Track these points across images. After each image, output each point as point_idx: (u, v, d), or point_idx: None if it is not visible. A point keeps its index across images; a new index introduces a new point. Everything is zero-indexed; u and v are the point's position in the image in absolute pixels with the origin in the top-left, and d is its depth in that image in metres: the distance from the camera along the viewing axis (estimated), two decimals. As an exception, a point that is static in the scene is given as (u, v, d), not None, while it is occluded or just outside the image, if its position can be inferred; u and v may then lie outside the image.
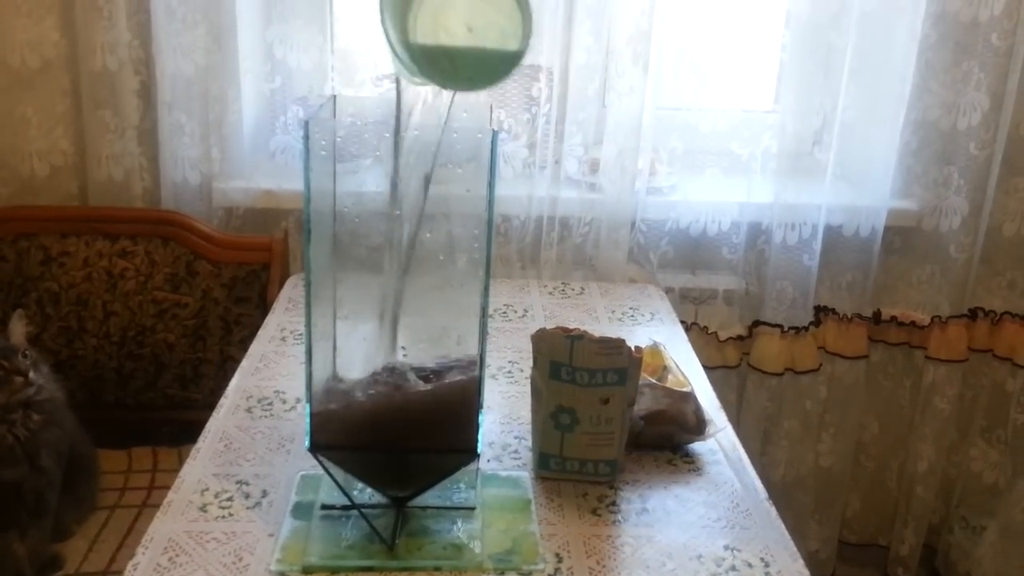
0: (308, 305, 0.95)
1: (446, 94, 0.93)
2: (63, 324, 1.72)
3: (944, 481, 2.03)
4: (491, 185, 0.90)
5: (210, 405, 1.29)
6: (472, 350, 0.99)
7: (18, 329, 1.40)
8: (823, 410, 1.95)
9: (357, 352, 1.06)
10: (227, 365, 1.70)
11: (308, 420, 0.97)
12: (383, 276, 1.08)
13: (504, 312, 1.64)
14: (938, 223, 1.85)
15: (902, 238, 1.90)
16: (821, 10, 1.71)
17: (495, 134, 0.88)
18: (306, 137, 0.88)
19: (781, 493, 1.95)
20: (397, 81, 0.96)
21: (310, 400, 0.97)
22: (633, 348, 1.11)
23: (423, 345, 1.07)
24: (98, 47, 1.67)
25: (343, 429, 0.98)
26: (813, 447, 1.97)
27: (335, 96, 1.07)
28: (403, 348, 1.07)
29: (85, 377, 1.74)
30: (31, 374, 1.36)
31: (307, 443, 0.98)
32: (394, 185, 0.98)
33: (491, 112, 1.02)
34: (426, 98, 0.96)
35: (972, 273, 1.88)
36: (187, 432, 1.26)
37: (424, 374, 1.01)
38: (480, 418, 0.98)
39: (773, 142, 1.78)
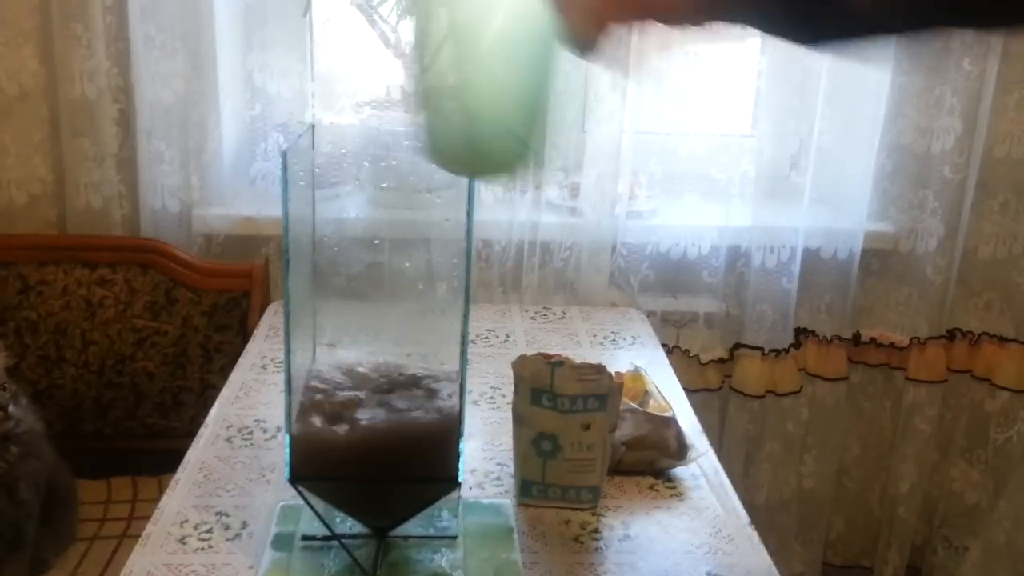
0: (287, 334, 0.95)
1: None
2: (41, 353, 1.71)
3: (926, 501, 2.04)
4: (469, 213, 0.90)
5: (190, 434, 1.28)
6: (453, 374, 0.99)
7: (-2, 360, 1.38)
8: (805, 432, 1.96)
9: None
10: (207, 393, 1.69)
11: (287, 450, 0.96)
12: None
13: (486, 337, 1.64)
14: (914, 245, 1.87)
15: (879, 260, 1.92)
16: (796, 36, 1.73)
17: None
18: (284, 168, 0.88)
19: (764, 516, 1.95)
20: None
21: (289, 430, 0.97)
22: (614, 374, 1.11)
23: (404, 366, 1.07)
24: (77, 75, 1.67)
25: (323, 459, 0.97)
26: (796, 469, 1.97)
27: (314, 125, 1.07)
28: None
29: (64, 407, 1.72)
30: (10, 408, 1.35)
31: (287, 474, 0.97)
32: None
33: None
34: None
35: (949, 294, 1.90)
36: (167, 461, 1.24)
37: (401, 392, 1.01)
38: (461, 446, 0.97)
39: (751, 166, 1.80)
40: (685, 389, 1.47)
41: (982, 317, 1.93)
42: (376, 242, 1.07)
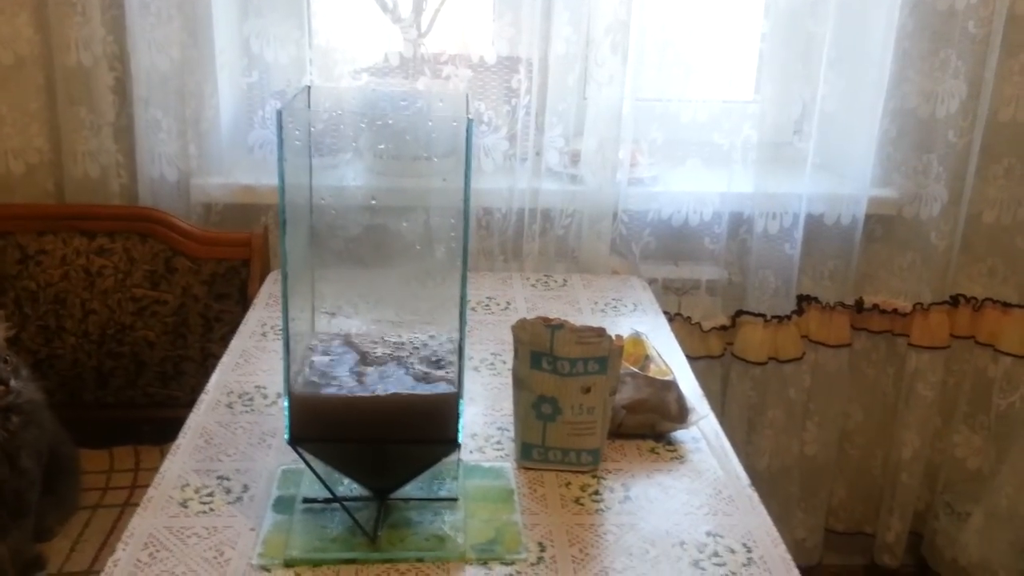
0: (284, 298, 0.94)
1: None
2: (41, 323, 1.70)
3: (928, 468, 2.04)
4: (467, 174, 0.89)
5: (191, 402, 1.28)
6: (453, 338, 0.99)
7: (-1, 333, 1.38)
8: (807, 399, 1.95)
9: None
10: (208, 362, 1.69)
11: (287, 413, 0.96)
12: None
13: (487, 305, 1.63)
14: (918, 211, 1.85)
15: (883, 226, 1.90)
16: (800, -1, 1.72)
17: (470, 122, 0.87)
18: (280, 127, 0.87)
19: (767, 482, 1.96)
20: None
21: (288, 393, 0.96)
22: (614, 337, 1.11)
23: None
24: (72, 43, 1.65)
25: (322, 421, 0.97)
26: (798, 436, 1.97)
27: (309, 87, 1.06)
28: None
29: (65, 376, 1.72)
30: (11, 382, 1.34)
31: (286, 436, 0.97)
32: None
33: (467, 102, 1.01)
34: None
35: (953, 260, 1.89)
36: (169, 430, 1.24)
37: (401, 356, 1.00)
38: (460, 408, 0.97)
39: (753, 132, 1.78)
40: (687, 356, 1.47)
41: (985, 283, 1.92)
42: (373, 202, 1.06)
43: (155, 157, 1.73)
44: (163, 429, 1.52)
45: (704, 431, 1.23)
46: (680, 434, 1.21)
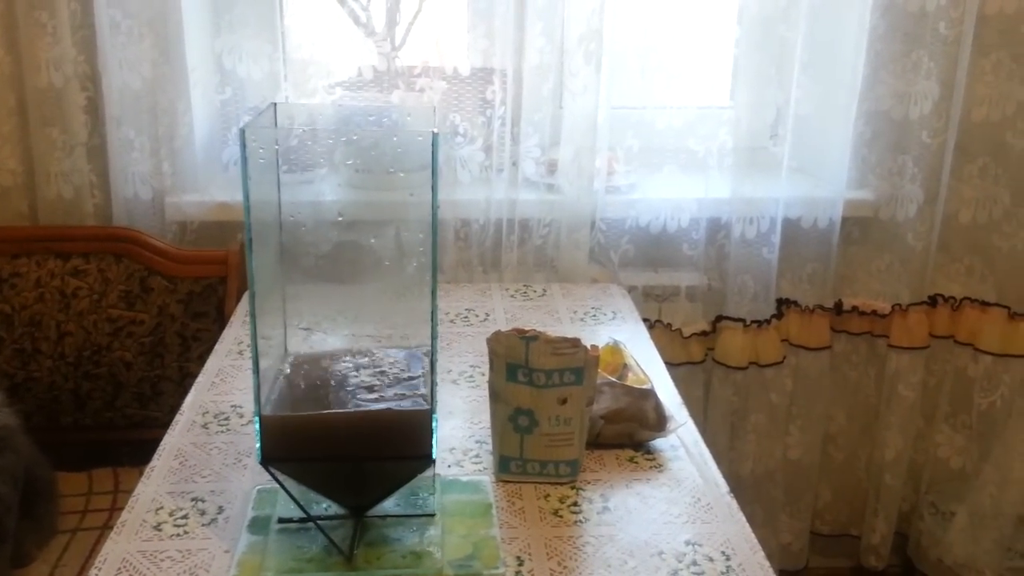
0: (252, 316, 0.94)
1: None
2: (17, 346, 1.69)
3: (912, 468, 2.04)
4: (434, 187, 0.89)
5: (170, 423, 1.26)
6: (426, 352, 0.98)
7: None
8: (789, 402, 1.95)
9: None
10: (186, 381, 1.67)
11: (258, 432, 0.95)
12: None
13: (465, 316, 1.63)
14: (895, 212, 1.86)
15: (860, 228, 1.91)
16: (771, 4, 1.72)
17: (435, 136, 0.87)
18: (243, 146, 0.87)
19: (751, 487, 1.95)
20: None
21: (259, 412, 0.96)
22: (589, 347, 1.10)
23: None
24: (43, 63, 1.65)
25: (294, 440, 0.96)
26: (781, 440, 1.97)
27: (275, 104, 1.05)
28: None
29: (41, 399, 1.71)
30: None
31: (258, 456, 0.96)
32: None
33: (435, 115, 1.01)
34: None
35: (930, 260, 1.90)
36: (148, 451, 1.23)
37: (375, 371, 1.00)
38: (434, 423, 0.97)
39: (729, 137, 1.78)
40: (668, 363, 1.47)
41: (963, 282, 1.93)
42: (340, 218, 1.05)
43: (129, 176, 1.72)
44: (142, 450, 1.50)
45: (683, 439, 1.22)
46: (659, 442, 1.21)
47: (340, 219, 1.05)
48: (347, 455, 0.96)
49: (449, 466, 1.16)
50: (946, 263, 1.92)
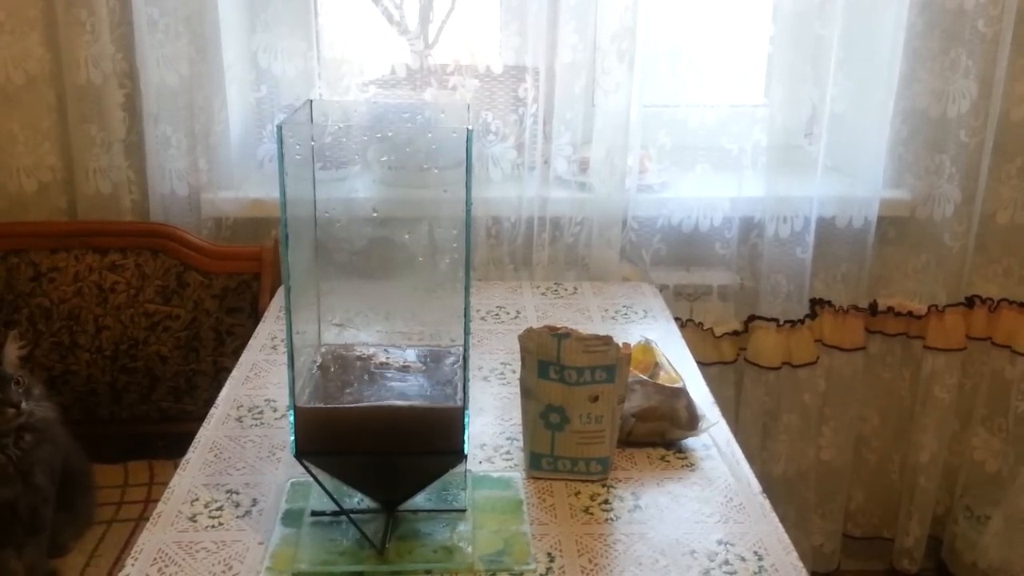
0: (288, 312, 0.94)
1: None
2: (55, 340, 1.72)
3: (947, 471, 2.01)
4: (468, 184, 0.89)
5: (204, 416, 1.28)
6: (458, 348, 0.99)
7: (12, 352, 1.38)
8: (822, 403, 1.94)
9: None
10: (221, 376, 1.69)
11: (292, 426, 0.96)
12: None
13: (496, 314, 1.63)
14: (931, 212, 1.84)
15: (896, 228, 1.89)
16: (806, 1, 1.71)
17: (470, 133, 0.87)
18: (280, 142, 0.88)
19: (783, 488, 1.94)
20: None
21: (294, 406, 0.96)
22: (621, 344, 1.10)
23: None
24: (82, 61, 1.67)
25: (328, 434, 0.97)
26: (813, 441, 1.96)
27: (311, 101, 1.06)
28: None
29: (79, 392, 1.73)
30: (23, 404, 1.35)
31: (292, 449, 0.97)
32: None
33: (469, 112, 1.01)
34: None
35: (967, 261, 1.87)
36: (183, 444, 1.25)
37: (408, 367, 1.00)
38: (466, 419, 0.97)
39: (763, 136, 1.77)
40: (700, 363, 1.46)
41: (1001, 283, 1.90)
42: (375, 214, 1.06)
43: (165, 173, 1.74)
44: (177, 443, 1.52)
45: (715, 438, 1.22)
46: (690, 442, 1.21)
47: (374, 215, 1.06)
48: (380, 449, 0.96)
49: (480, 462, 1.16)
50: (983, 264, 1.90)
